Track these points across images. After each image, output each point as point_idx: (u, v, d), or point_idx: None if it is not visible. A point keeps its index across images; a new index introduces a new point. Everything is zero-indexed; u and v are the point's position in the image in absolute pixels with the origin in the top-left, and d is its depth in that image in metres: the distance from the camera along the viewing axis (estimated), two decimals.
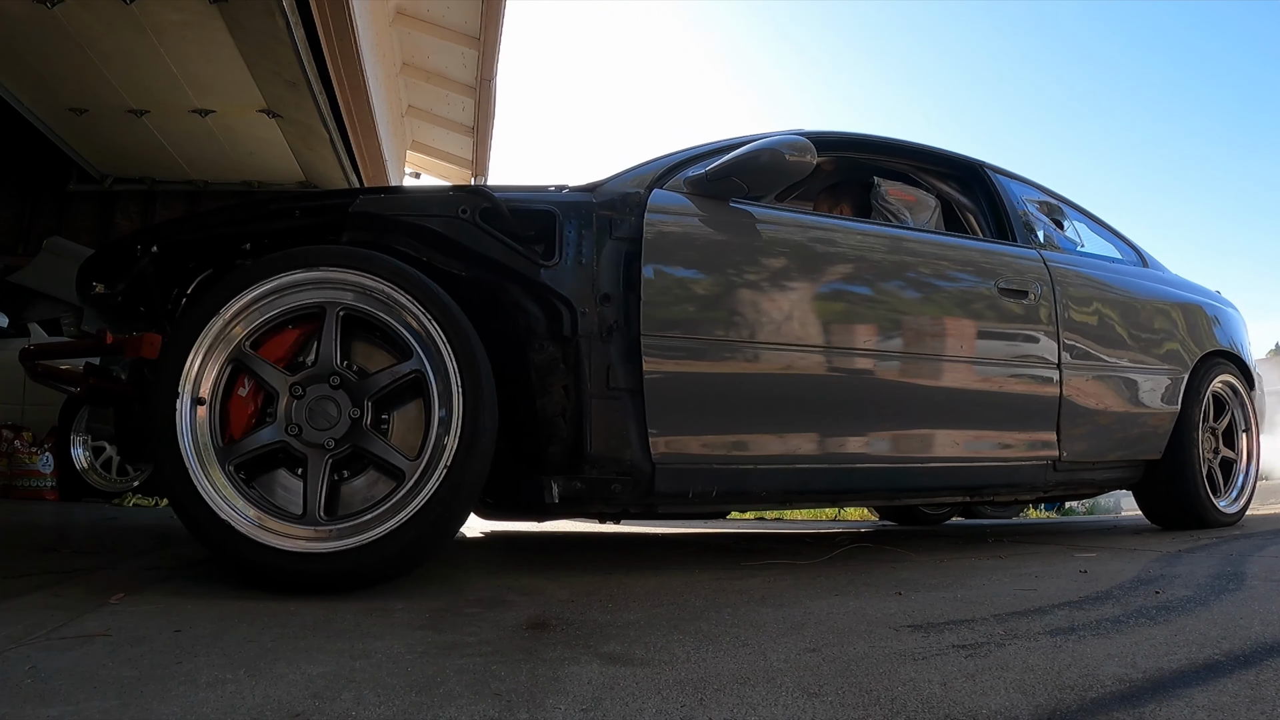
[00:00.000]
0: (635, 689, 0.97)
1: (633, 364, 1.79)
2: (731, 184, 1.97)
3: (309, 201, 1.84)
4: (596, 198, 1.90)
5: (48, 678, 0.97)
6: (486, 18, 5.40)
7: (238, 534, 1.49)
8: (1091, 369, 2.47)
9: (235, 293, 1.60)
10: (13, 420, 4.15)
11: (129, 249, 1.87)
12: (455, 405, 1.57)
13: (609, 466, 1.78)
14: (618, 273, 1.84)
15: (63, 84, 5.18)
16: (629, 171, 2.03)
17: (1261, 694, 0.92)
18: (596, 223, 1.85)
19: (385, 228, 1.77)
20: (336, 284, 1.62)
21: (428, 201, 1.82)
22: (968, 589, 1.69)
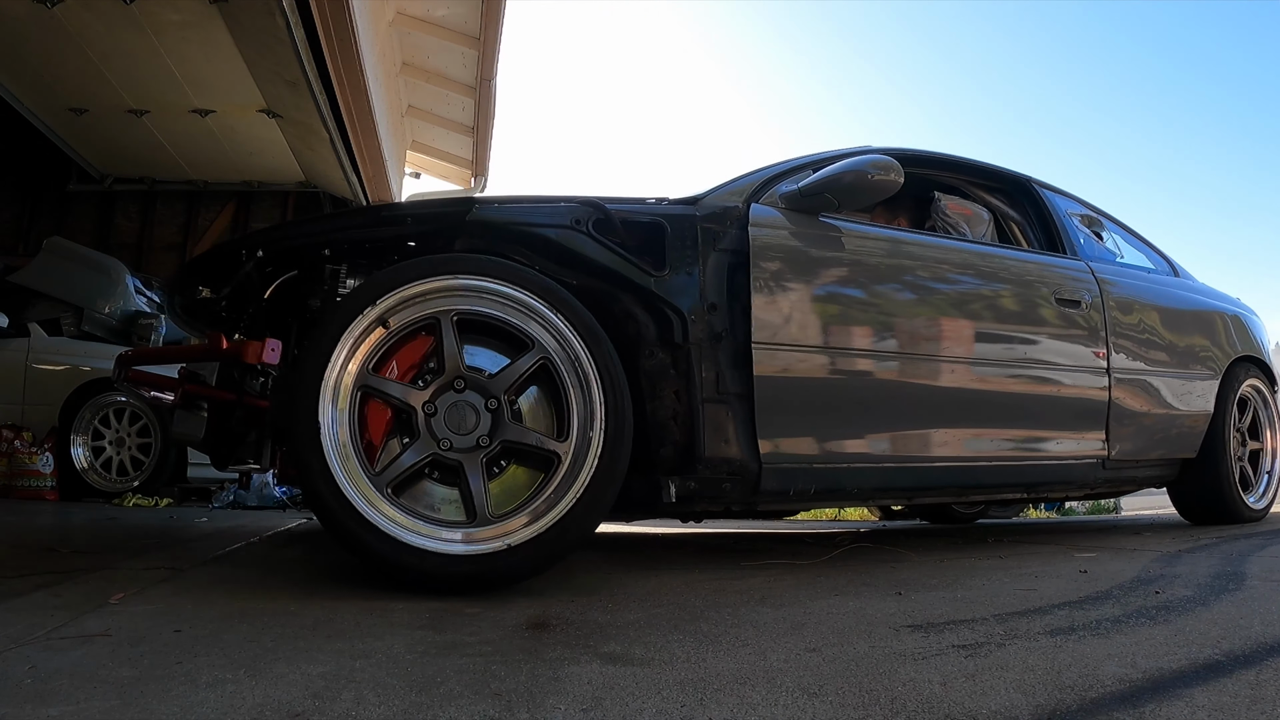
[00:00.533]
0: (635, 689, 0.97)
1: (740, 370, 1.88)
2: (824, 200, 2.07)
3: (420, 209, 1.87)
4: (699, 211, 1.98)
5: (48, 678, 0.97)
6: (486, 18, 5.40)
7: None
8: (1136, 373, 2.61)
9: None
10: (13, 420, 4.14)
11: (233, 254, 1.90)
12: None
13: (720, 467, 1.85)
14: (722, 283, 1.92)
15: (63, 84, 5.18)
16: (725, 185, 2.11)
17: (1262, 694, 0.92)
18: (701, 235, 1.93)
19: (499, 236, 1.83)
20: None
21: (542, 211, 1.85)
22: (968, 589, 1.69)
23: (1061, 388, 2.42)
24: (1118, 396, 2.52)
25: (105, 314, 4.67)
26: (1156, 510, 6.05)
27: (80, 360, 4.33)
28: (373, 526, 1.51)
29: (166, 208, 6.76)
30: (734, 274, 1.93)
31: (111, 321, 4.69)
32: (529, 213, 1.84)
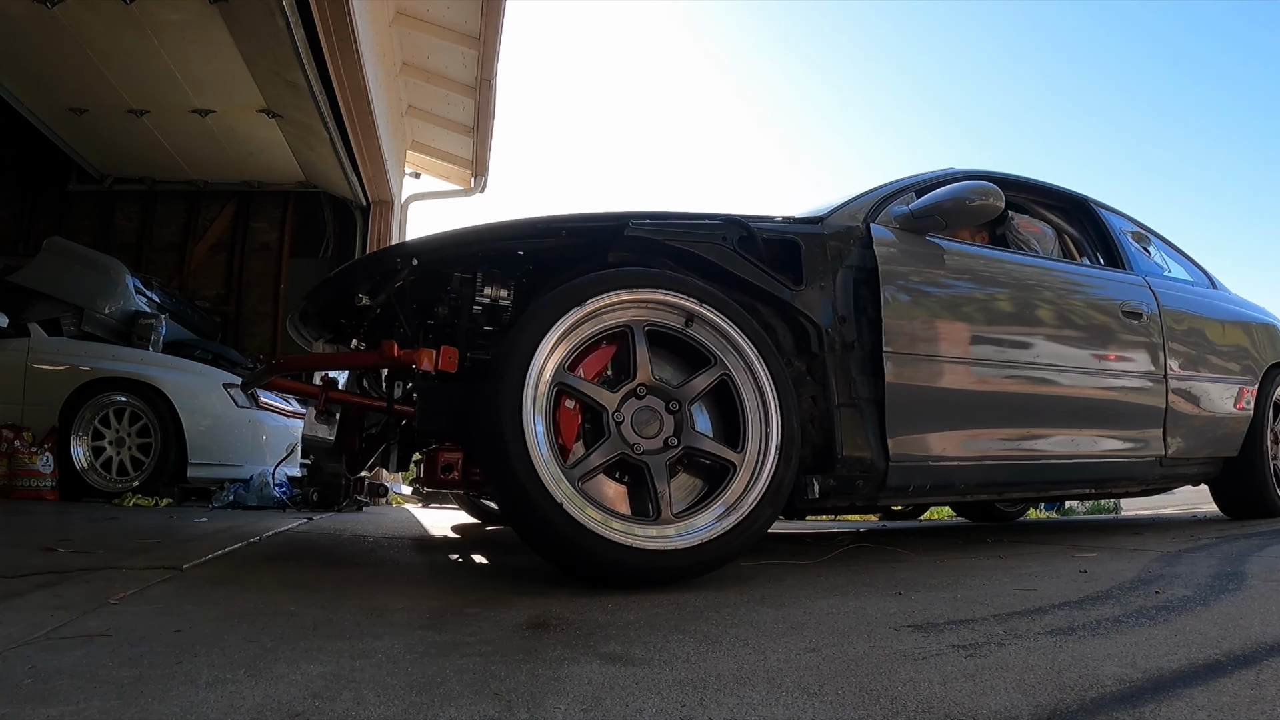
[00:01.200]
0: (635, 689, 0.97)
1: (868, 376, 2.05)
2: (934, 221, 2.26)
3: (575, 223, 1.93)
4: (825, 230, 2.15)
5: (48, 678, 0.97)
6: (486, 18, 5.40)
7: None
8: (1188, 379, 2.86)
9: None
10: (13, 420, 4.14)
11: (389, 262, 1.98)
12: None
13: (854, 466, 2.01)
14: (849, 296, 2.09)
15: (63, 84, 5.19)
16: (843, 206, 2.30)
17: (1262, 694, 0.92)
18: (829, 252, 2.10)
19: (652, 250, 1.94)
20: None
21: (693, 228, 1.97)
22: (968, 589, 1.69)
23: (1128, 393, 2.66)
24: (1173, 401, 2.76)
25: (105, 314, 4.67)
26: (1156, 510, 6.05)
27: (80, 360, 4.33)
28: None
29: (166, 208, 6.77)
30: (859, 288, 2.10)
31: (111, 321, 4.69)
32: (681, 230, 1.95)
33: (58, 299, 4.60)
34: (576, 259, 1.97)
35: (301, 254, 6.81)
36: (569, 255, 1.98)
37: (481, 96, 6.16)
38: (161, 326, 4.75)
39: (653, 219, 1.93)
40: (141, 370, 4.31)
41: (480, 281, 1.99)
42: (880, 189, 2.40)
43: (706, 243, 1.95)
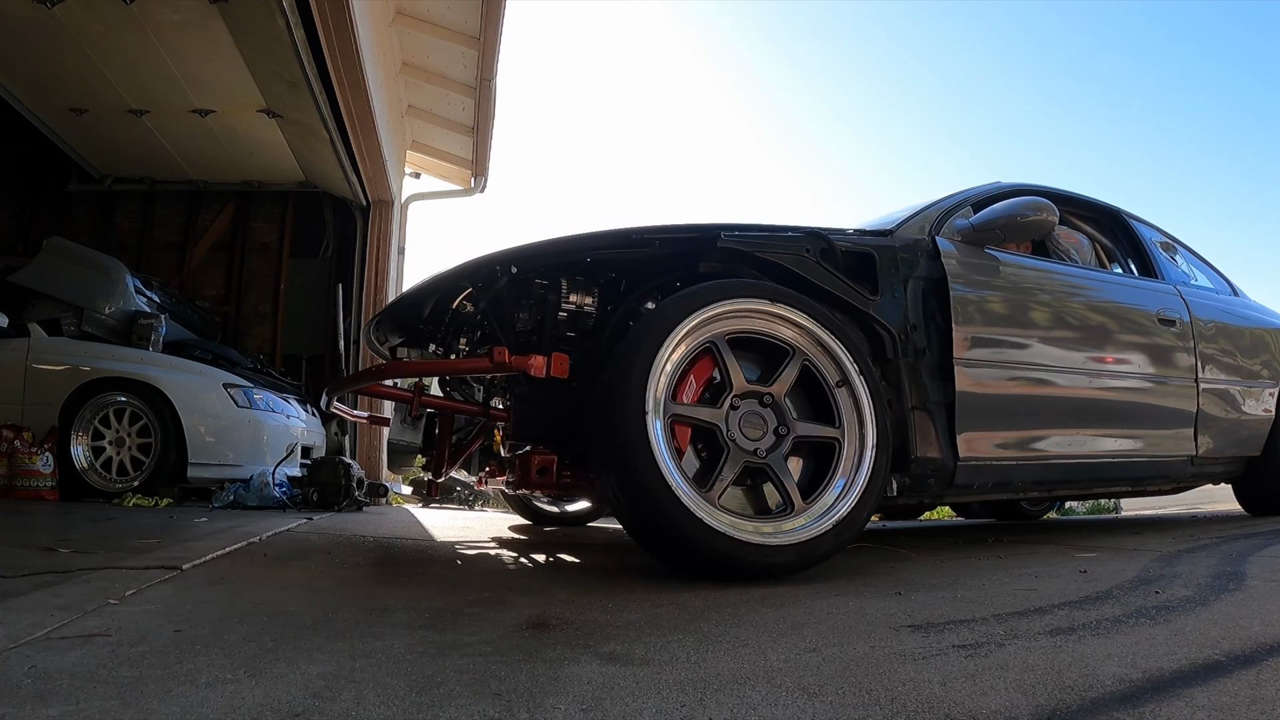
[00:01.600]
0: (635, 689, 0.97)
1: (938, 381, 2.17)
2: (993, 234, 2.40)
3: (668, 233, 2.01)
4: (896, 243, 2.27)
5: (48, 678, 0.97)
6: (486, 18, 5.40)
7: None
8: (1216, 383, 3.01)
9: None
10: (13, 420, 4.14)
11: (489, 269, 2.06)
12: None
13: (926, 465, 2.13)
14: (918, 305, 2.20)
15: (63, 84, 5.19)
16: (909, 219, 2.43)
17: (1262, 694, 0.92)
18: (900, 263, 2.21)
19: (740, 260, 2.05)
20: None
21: (779, 240, 2.08)
22: (968, 589, 1.69)
23: (1165, 396, 2.80)
24: (1203, 403, 2.91)
25: (105, 314, 4.67)
26: (1156, 510, 6.05)
27: (80, 360, 4.33)
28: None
29: (166, 208, 6.76)
30: (927, 298, 2.22)
31: (111, 321, 4.69)
32: (769, 241, 2.05)
33: (58, 299, 4.60)
34: (663, 268, 2.10)
35: (301, 254, 6.81)
36: (655, 264, 2.09)
37: (481, 96, 6.16)
38: (161, 326, 4.75)
39: (741, 230, 2.03)
40: (141, 370, 4.31)
41: (565, 289, 2.06)
42: (941, 203, 2.54)
43: (792, 254, 2.06)
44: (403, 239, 7.20)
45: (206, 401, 4.37)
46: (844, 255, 2.13)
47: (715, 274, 2.05)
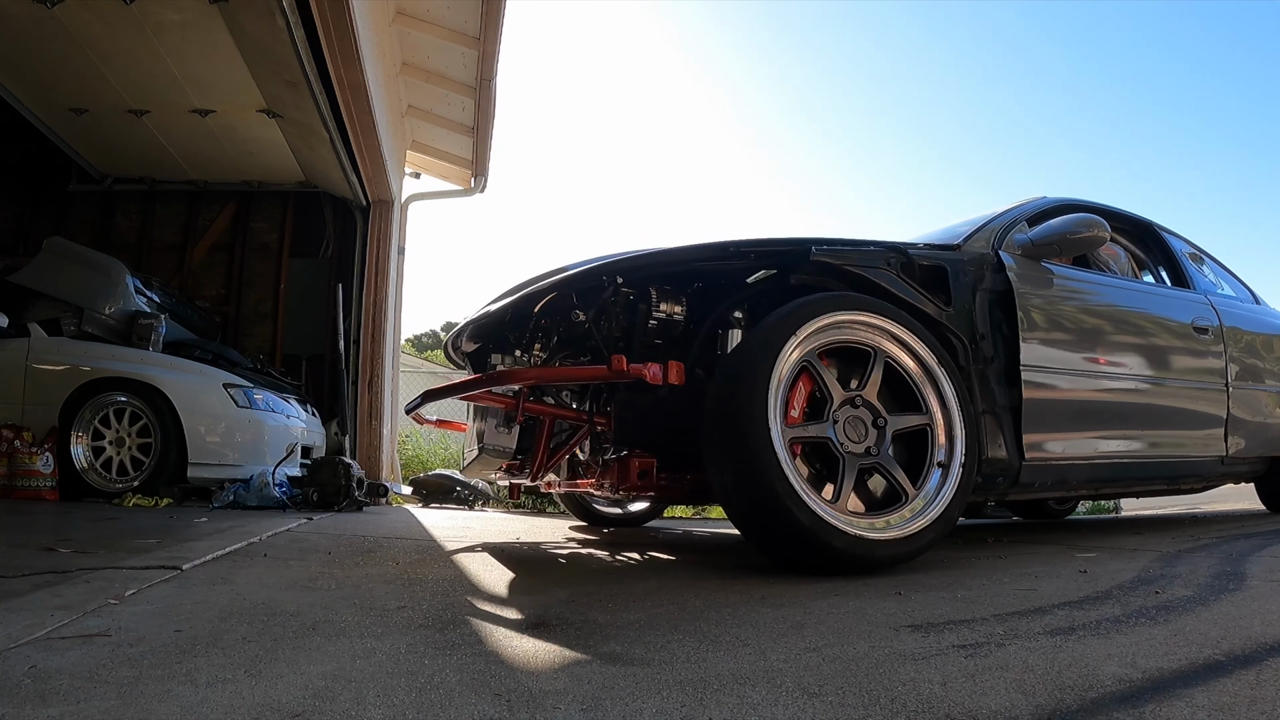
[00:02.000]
0: (635, 689, 0.97)
1: (1005, 387, 2.32)
2: (1050, 249, 2.57)
3: (763, 247, 2.14)
4: (964, 256, 2.42)
5: (48, 678, 0.97)
6: (486, 18, 5.40)
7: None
8: (1244, 387, 3.19)
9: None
10: (13, 420, 4.14)
11: (595, 280, 2.17)
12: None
13: (996, 465, 2.26)
14: (985, 316, 2.35)
15: (63, 84, 5.18)
16: (975, 233, 2.60)
17: (1262, 694, 0.92)
18: (968, 276, 2.37)
19: (828, 273, 2.17)
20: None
21: (864, 254, 2.21)
22: (968, 589, 1.69)
23: (1199, 400, 2.98)
24: (1233, 406, 3.09)
25: (105, 314, 4.66)
26: (1156, 510, 6.04)
27: (80, 360, 4.32)
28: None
29: (166, 208, 6.76)
30: (993, 308, 2.37)
31: (111, 321, 4.68)
32: (854, 255, 2.19)
33: (58, 299, 4.59)
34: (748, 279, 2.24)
35: (301, 254, 6.81)
36: (740, 276, 2.23)
37: (481, 96, 6.16)
38: (161, 326, 4.75)
39: (830, 245, 2.17)
40: (141, 370, 4.31)
41: (655, 298, 2.19)
42: (1000, 218, 2.73)
43: (877, 268, 2.20)
44: (403, 239, 7.19)
45: (206, 401, 4.37)
46: (919, 269, 2.28)
47: (806, 286, 2.17)
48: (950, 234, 2.69)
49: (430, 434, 9.04)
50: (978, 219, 2.75)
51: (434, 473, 6.75)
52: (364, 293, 6.59)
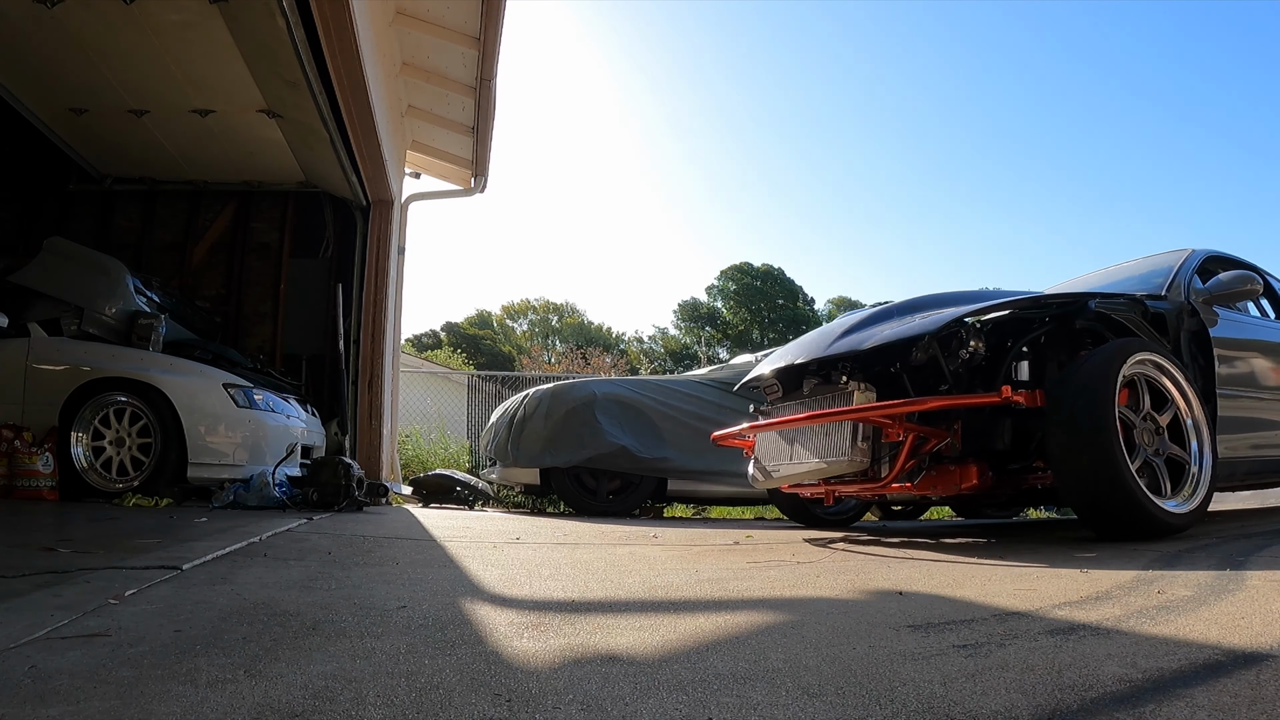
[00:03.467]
0: (635, 689, 0.97)
1: (1204, 403, 2.89)
2: (1224, 298, 3.39)
3: (1057, 299, 2.92)
4: (1170, 305, 3.21)
5: (48, 678, 0.97)
6: (486, 18, 5.40)
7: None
8: None
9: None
10: (13, 420, 4.14)
11: (956, 324, 2.78)
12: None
13: None
14: (1189, 349, 3.15)
15: (63, 84, 5.18)
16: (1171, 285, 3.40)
17: (1262, 694, 0.92)
18: (1177, 320, 3.17)
19: (1099, 320, 2.95)
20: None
21: (1123, 306, 3.01)
22: (968, 589, 1.69)
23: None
24: None
25: (105, 314, 4.66)
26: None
27: (80, 360, 4.32)
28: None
29: (166, 208, 6.75)
30: (1189, 344, 3.16)
31: (111, 321, 4.68)
32: (1118, 307, 2.98)
33: (58, 299, 4.59)
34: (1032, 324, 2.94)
35: (301, 254, 6.80)
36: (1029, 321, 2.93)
37: (481, 96, 6.16)
38: (161, 326, 4.75)
39: (1102, 299, 2.96)
40: (141, 370, 4.31)
41: (964, 336, 2.80)
42: (1180, 273, 3.50)
43: (1133, 316, 3.01)
44: (403, 239, 7.19)
45: (206, 401, 4.37)
46: (1152, 315, 3.07)
47: (1089, 330, 2.96)
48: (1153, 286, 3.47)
49: (430, 434, 9.05)
50: (1162, 269, 3.60)
51: (434, 473, 6.76)
52: (364, 293, 6.59)
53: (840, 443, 2.94)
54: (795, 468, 3.16)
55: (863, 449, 2.89)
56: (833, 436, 2.99)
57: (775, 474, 3.31)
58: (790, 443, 3.23)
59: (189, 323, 5.50)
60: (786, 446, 3.25)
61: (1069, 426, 2.47)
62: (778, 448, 3.32)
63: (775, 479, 3.33)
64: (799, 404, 3.34)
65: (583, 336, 44.04)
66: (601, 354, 27.16)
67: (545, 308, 49.92)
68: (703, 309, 48.99)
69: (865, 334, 3.06)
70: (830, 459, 2.95)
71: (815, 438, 3.08)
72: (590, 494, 5.30)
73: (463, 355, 25.87)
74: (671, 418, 5.32)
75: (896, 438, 2.83)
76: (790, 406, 3.39)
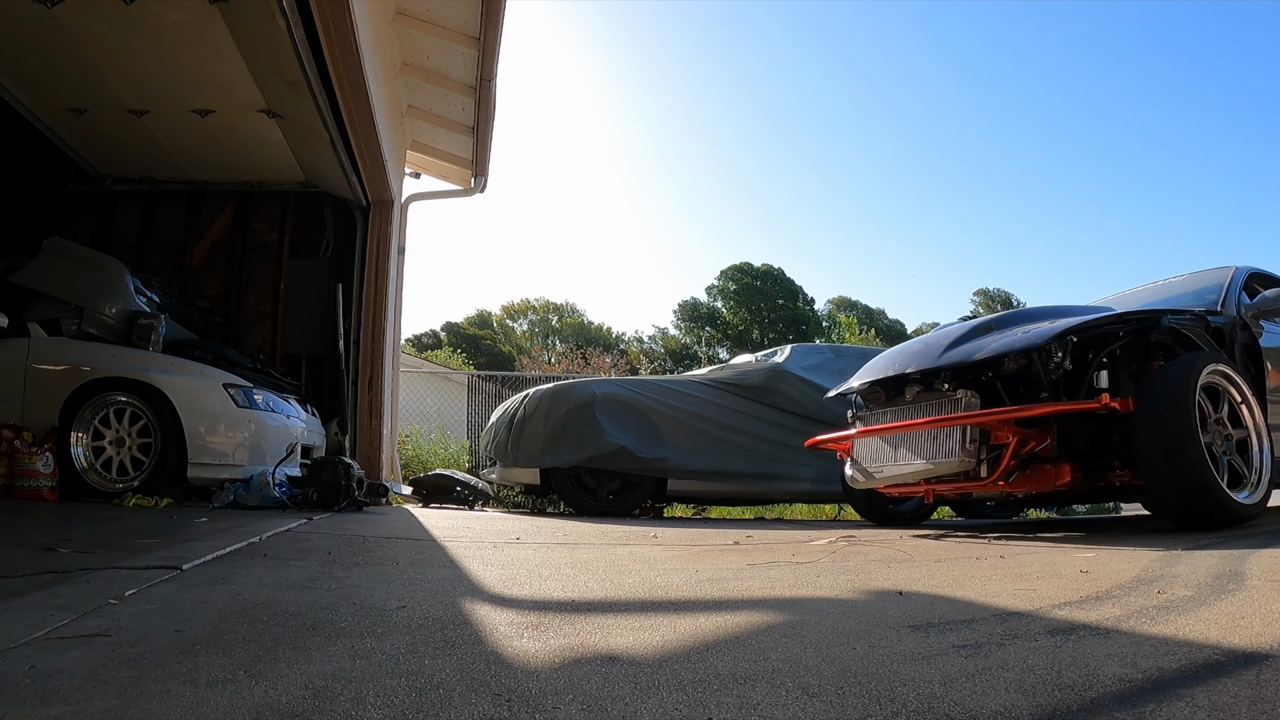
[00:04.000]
0: (635, 689, 0.97)
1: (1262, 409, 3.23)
2: (1271, 313, 3.73)
3: (1134, 315, 3.29)
4: (1225, 319, 3.54)
5: (48, 678, 0.97)
6: (486, 18, 5.40)
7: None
8: None
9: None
10: (13, 420, 4.14)
11: (1064, 337, 3.12)
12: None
13: None
14: (1244, 359, 3.49)
15: (63, 84, 5.18)
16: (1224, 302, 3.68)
17: (1262, 694, 0.92)
18: (1232, 333, 3.51)
19: (1169, 334, 3.31)
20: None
21: (1190, 322, 3.36)
22: (968, 589, 1.69)
23: None
24: None
25: (105, 314, 4.66)
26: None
27: (80, 360, 4.32)
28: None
29: (166, 208, 6.75)
30: (1243, 354, 3.50)
31: (111, 321, 4.68)
32: (1187, 323, 3.34)
33: (58, 299, 4.59)
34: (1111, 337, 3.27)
35: (301, 254, 6.80)
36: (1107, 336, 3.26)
37: (481, 96, 6.16)
38: (161, 326, 4.74)
39: (1173, 315, 3.32)
40: (141, 370, 4.31)
41: (1056, 349, 3.14)
42: (1230, 290, 3.78)
43: (1199, 331, 3.37)
44: (403, 239, 7.19)
45: (206, 401, 4.36)
46: (1212, 329, 3.42)
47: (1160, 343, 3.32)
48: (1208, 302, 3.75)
49: (430, 434, 9.05)
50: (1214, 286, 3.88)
51: (434, 473, 6.75)
52: (364, 293, 6.58)
53: (951, 445, 3.24)
54: (901, 469, 3.44)
55: (970, 450, 3.18)
56: (942, 439, 3.29)
57: (878, 475, 3.57)
58: (894, 446, 3.52)
59: (189, 323, 5.50)
60: (890, 450, 3.54)
61: (1159, 428, 2.81)
62: (880, 451, 3.60)
63: (877, 479, 3.59)
64: (901, 411, 3.62)
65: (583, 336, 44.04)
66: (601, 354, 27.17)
67: (545, 308, 49.94)
68: (703, 309, 48.99)
69: (973, 346, 3.39)
70: (939, 460, 3.26)
71: (923, 441, 3.37)
72: (590, 494, 5.30)
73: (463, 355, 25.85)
74: (671, 418, 5.32)
75: (1004, 440, 3.11)
76: (892, 413, 3.66)
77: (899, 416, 3.59)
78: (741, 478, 5.38)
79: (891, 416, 3.64)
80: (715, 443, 5.36)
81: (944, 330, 3.88)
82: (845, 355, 6.13)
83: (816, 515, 6.71)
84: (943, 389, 3.44)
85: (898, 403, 3.69)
